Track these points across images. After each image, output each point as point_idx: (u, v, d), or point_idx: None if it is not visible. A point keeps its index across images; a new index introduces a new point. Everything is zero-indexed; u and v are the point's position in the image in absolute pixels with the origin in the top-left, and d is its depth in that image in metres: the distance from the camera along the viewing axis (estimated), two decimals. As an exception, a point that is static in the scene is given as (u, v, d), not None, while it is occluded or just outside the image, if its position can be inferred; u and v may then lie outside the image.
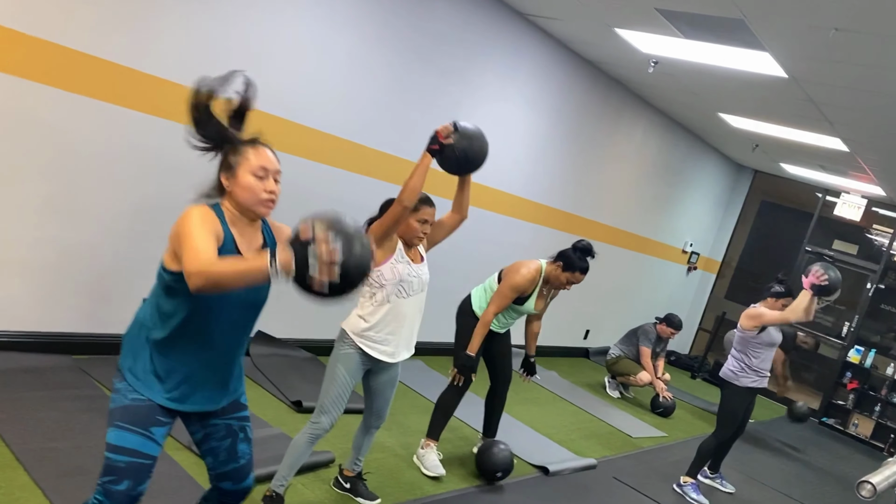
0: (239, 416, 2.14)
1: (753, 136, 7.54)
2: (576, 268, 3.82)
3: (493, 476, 3.88)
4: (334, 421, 2.91)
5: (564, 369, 7.29)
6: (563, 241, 7.34)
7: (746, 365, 4.60)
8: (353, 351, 2.94)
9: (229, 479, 2.13)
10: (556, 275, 3.86)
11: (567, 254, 3.85)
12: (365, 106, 4.85)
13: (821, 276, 4.27)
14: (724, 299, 11.36)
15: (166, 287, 1.96)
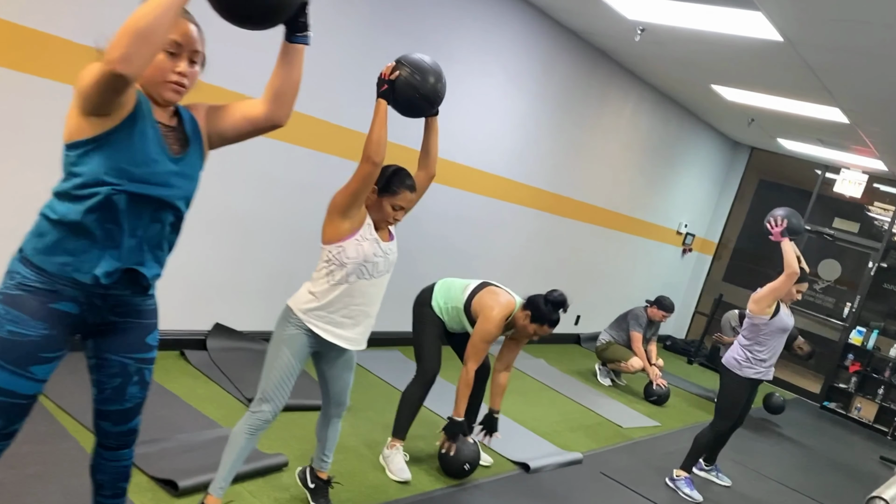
0: (139, 356, 1.90)
1: (749, 110, 7.19)
2: (544, 320, 3.48)
3: (462, 470, 3.58)
4: (278, 410, 2.60)
5: (553, 357, 6.98)
6: (549, 224, 7.08)
7: (753, 355, 4.28)
8: (298, 331, 2.62)
9: (109, 419, 1.92)
10: (524, 323, 3.52)
11: (537, 304, 3.50)
12: (339, 87, 4.51)
13: (781, 222, 4.19)
14: (721, 282, 11.06)
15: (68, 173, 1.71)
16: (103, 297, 1.79)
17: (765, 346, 4.27)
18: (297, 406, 3.84)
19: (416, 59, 2.61)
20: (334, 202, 2.62)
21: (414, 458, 3.72)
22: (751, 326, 4.30)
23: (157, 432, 3.16)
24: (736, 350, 4.36)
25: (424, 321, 3.67)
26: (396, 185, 2.67)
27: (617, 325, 6.58)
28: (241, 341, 4.43)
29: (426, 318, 3.67)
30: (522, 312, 3.52)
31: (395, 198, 2.66)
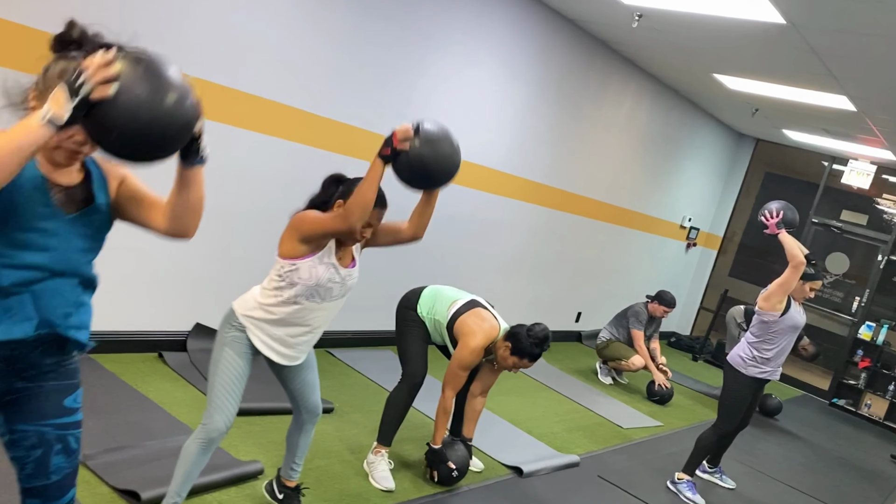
0: (59, 422, 1.69)
1: (752, 99, 6.99)
2: (525, 354, 3.34)
3: (450, 476, 3.41)
4: (230, 419, 2.40)
5: (553, 355, 6.79)
6: (548, 219, 6.89)
7: (760, 355, 4.08)
8: (240, 335, 2.45)
9: (37, 496, 1.69)
10: (504, 354, 3.38)
11: (519, 337, 3.35)
12: (321, 75, 4.34)
13: (776, 215, 4.05)
14: (728, 277, 10.86)
15: None
16: (6, 361, 1.59)
17: (773, 344, 4.08)
18: (273, 409, 3.68)
19: (435, 134, 2.43)
20: (298, 225, 2.42)
21: (401, 464, 3.55)
22: (760, 324, 4.11)
23: (125, 439, 3.00)
24: (742, 347, 4.18)
25: (408, 324, 3.52)
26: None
27: (617, 322, 6.40)
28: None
29: (410, 320, 3.52)
30: (503, 343, 3.38)
31: None
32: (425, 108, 5.05)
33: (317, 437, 3.55)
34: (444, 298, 3.51)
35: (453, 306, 3.46)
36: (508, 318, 6.75)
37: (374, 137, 4.77)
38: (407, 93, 4.90)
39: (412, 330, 3.50)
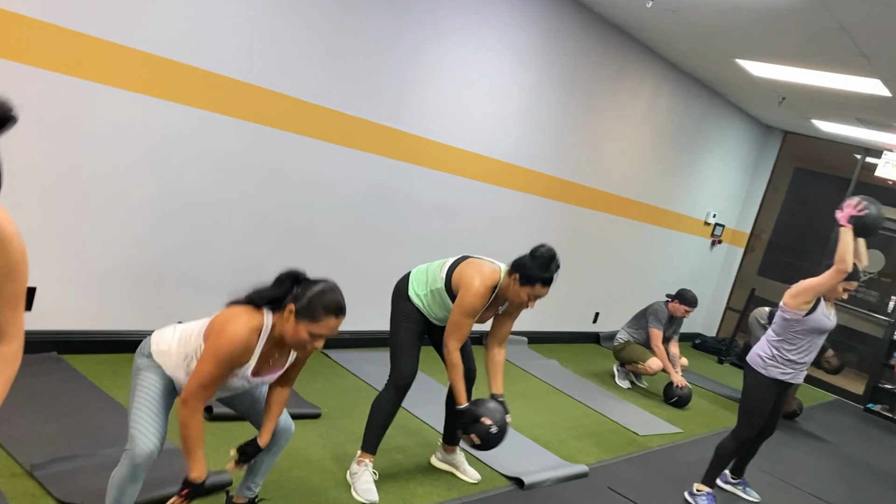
0: None
1: (778, 86, 6.60)
2: (535, 279, 2.95)
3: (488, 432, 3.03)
4: (155, 441, 2.14)
5: (568, 357, 6.48)
6: (560, 213, 6.56)
7: (781, 355, 3.74)
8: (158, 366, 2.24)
9: None
10: (515, 290, 3.00)
11: (523, 263, 3.00)
12: (309, 59, 4.09)
13: (859, 207, 3.54)
14: (756, 276, 10.44)
15: None
16: None
17: (795, 345, 3.73)
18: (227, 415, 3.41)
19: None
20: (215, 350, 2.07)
21: (389, 475, 3.27)
22: (782, 321, 3.76)
23: (80, 446, 2.77)
24: (763, 346, 3.83)
25: (399, 317, 3.21)
26: (320, 309, 2.10)
27: (636, 323, 6.06)
28: (207, 343, 4.02)
29: (402, 312, 3.21)
30: (510, 278, 3.01)
31: (315, 325, 2.10)
32: (423, 95, 4.78)
33: (298, 444, 3.29)
34: (433, 267, 3.21)
35: (445, 266, 3.16)
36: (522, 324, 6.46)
37: (366, 125, 4.51)
38: (403, 79, 4.63)
39: (403, 324, 3.19)
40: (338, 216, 4.57)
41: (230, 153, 3.93)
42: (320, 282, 2.16)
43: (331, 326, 2.12)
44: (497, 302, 3.14)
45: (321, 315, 2.10)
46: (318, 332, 2.11)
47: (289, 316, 2.11)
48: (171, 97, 3.59)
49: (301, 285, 2.16)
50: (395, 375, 3.13)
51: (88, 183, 3.45)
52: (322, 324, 2.10)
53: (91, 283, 3.60)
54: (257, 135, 4.01)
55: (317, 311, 2.09)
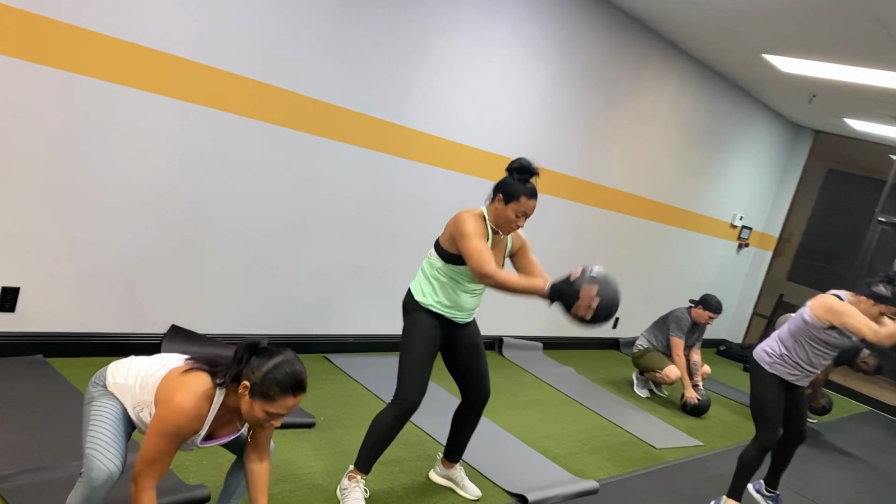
0: None
1: (809, 83, 6.31)
2: (518, 194, 2.79)
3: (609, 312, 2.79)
4: (115, 464, 1.97)
5: (585, 364, 6.24)
6: (578, 215, 6.33)
7: (790, 355, 3.56)
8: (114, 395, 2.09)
9: None
10: (502, 213, 2.84)
11: (503, 181, 2.86)
12: (305, 50, 3.92)
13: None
14: (785, 281, 10.09)
15: None
16: None
17: (806, 350, 3.55)
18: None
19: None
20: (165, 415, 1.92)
21: (383, 490, 3.09)
22: (801, 323, 3.54)
23: (52, 457, 2.62)
24: (771, 343, 3.66)
25: (408, 327, 2.96)
26: (275, 388, 1.92)
27: (656, 329, 5.81)
28: (202, 345, 3.88)
29: (413, 324, 2.95)
30: (496, 204, 2.86)
31: (271, 405, 1.93)
32: (429, 91, 4.59)
33: (286, 456, 3.12)
34: (424, 262, 3.02)
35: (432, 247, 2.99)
36: (536, 329, 6.22)
37: (369, 121, 4.34)
38: (407, 73, 4.45)
39: (414, 338, 2.93)
40: (339, 215, 4.41)
41: (223, 150, 3.78)
42: (277, 355, 1.97)
43: (288, 406, 1.95)
44: (498, 241, 2.95)
45: (277, 394, 1.92)
46: (273, 412, 1.94)
47: (243, 392, 1.94)
48: (159, 91, 3.44)
49: (258, 357, 1.97)
50: (401, 397, 2.90)
51: (73, 181, 3.31)
52: (278, 403, 1.93)
53: (78, 284, 3.47)
54: (252, 131, 3.85)
55: (271, 389, 1.92)
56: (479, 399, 3.14)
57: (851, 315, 3.37)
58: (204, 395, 1.94)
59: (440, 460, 3.30)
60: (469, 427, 3.19)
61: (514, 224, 2.85)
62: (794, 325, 3.57)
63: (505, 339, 5.79)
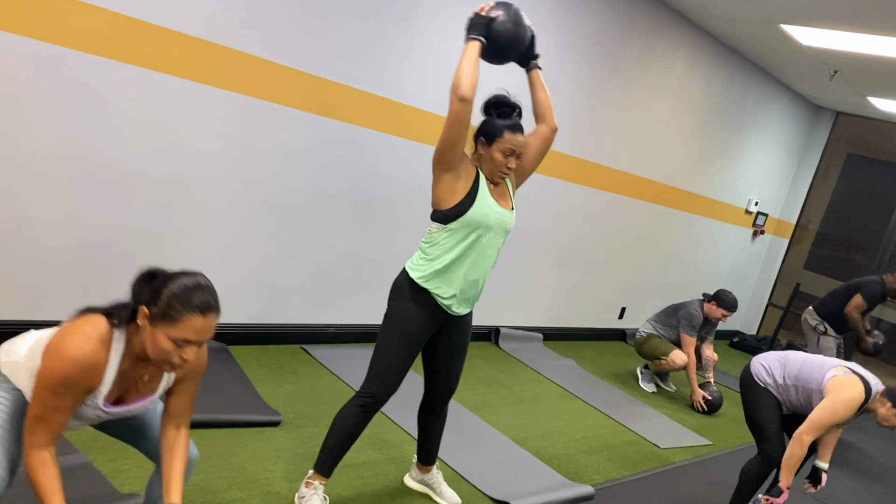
0: None
1: (830, 57, 5.90)
2: (500, 129, 2.50)
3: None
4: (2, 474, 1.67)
5: (588, 356, 5.90)
6: (582, 197, 5.93)
7: (784, 388, 3.32)
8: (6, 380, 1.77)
9: None
10: (488, 157, 2.52)
11: (482, 123, 2.57)
12: (279, 15, 3.59)
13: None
14: (802, 270, 9.70)
15: None
16: None
17: (797, 397, 3.27)
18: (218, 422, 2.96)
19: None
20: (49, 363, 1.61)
21: (351, 497, 2.78)
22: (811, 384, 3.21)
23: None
24: (773, 362, 3.36)
25: (397, 318, 2.57)
26: (177, 307, 1.60)
27: (664, 319, 5.45)
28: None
29: (401, 313, 2.56)
30: (478, 149, 2.57)
31: (175, 328, 1.60)
32: (420, 61, 4.25)
33: (243, 458, 2.82)
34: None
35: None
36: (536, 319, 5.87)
37: (352, 94, 4.00)
38: (395, 43, 4.10)
39: (398, 325, 2.55)
40: (318, 196, 4.08)
41: (189, 122, 3.45)
42: (182, 274, 1.66)
43: (196, 328, 1.61)
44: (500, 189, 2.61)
45: (180, 313, 1.59)
46: (181, 337, 1.60)
47: (143, 322, 1.62)
48: (110, 54, 3.12)
49: (157, 281, 1.66)
50: (370, 393, 2.57)
51: (23, 156, 3.00)
52: (184, 324, 1.60)
53: (33, 268, 3.16)
54: (220, 101, 3.53)
55: (173, 308, 1.59)
56: (439, 399, 2.80)
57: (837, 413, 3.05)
58: (98, 340, 1.62)
59: (415, 464, 2.98)
60: (433, 428, 2.86)
61: (503, 166, 2.53)
62: (804, 377, 3.23)
63: (502, 330, 5.46)
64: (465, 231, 2.51)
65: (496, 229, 2.54)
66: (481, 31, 2.41)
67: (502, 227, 2.57)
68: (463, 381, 4.39)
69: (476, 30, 2.41)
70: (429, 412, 2.85)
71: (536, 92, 2.70)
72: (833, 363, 3.22)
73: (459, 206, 2.48)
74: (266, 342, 4.04)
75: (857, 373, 3.14)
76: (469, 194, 2.49)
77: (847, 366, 3.20)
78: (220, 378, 3.41)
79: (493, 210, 2.52)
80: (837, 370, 3.15)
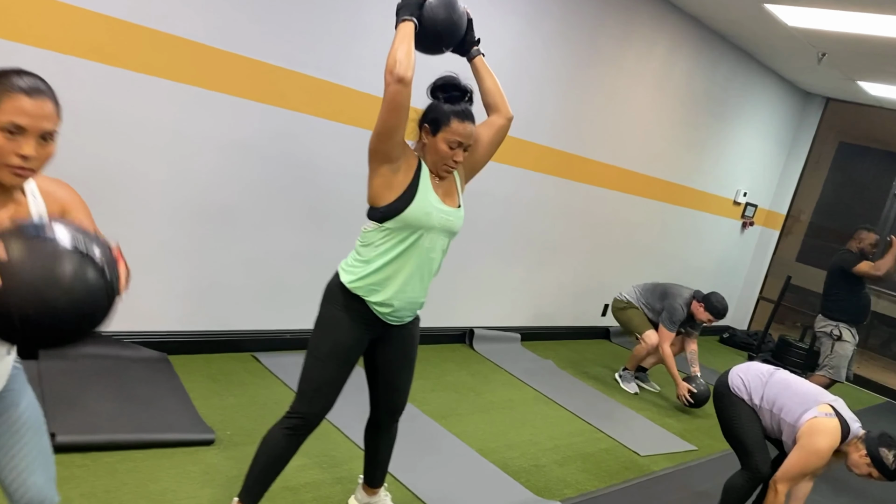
0: None
1: (817, 39, 5.62)
2: (447, 116, 2.19)
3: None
4: None
5: (568, 356, 5.62)
6: (558, 190, 5.59)
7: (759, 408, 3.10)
8: None
9: None
10: (432, 146, 2.22)
11: (428, 109, 2.25)
12: (208, -11, 3.29)
13: None
14: (795, 262, 9.45)
15: None
16: None
17: (769, 421, 3.03)
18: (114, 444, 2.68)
19: None
20: None
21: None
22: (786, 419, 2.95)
23: None
24: (751, 377, 3.11)
25: (329, 329, 2.29)
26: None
27: (650, 299, 5.07)
28: (106, 347, 3.29)
29: (333, 323, 2.28)
30: (421, 137, 2.27)
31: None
32: (375, 44, 3.95)
33: (165, 483, 2.53)
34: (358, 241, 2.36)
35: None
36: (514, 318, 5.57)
37: (299, 79, 3.71)
38: (347, 24, 3.81)
39: (329, 337, 2.28)
40: (268, 191, 3.78)
41: (114, 111, 3.16)
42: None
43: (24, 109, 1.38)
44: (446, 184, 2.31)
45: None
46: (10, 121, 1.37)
47: None
48: (21, 38, 2.83)
49: None
50: (300, 413, 2.29)
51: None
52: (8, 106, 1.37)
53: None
54: (150, 89, 3.23)
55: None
56: (386, 417, 2.52)
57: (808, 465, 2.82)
58: None
59: (361, 485, 2.70)
60: (380, 448, 2.58)
61: (449, 159, 2.22)
62: (780, 405, 2.97)
63: (476, 331, 5.17)
64: (403, 232, 2.21)
65: (439, 230, 2.25)
66: (412, 12, 2.14)
67: (446, 228, 2.27)
68: (428, 387, 4.12)
69: (407, 10, 2.14)
70: (375, 430, 2.57)
71: (484, 80, 2.36)
72: (816, 399, 2.92)
73: (397, 203, 2.19)
74: (213, 351, 3.75)
75: (839, 414, 2.86)
76: (408, 189, 2.20)
77: (831, 403, 2.90)
78: (153, 392, 3.12)
79: (435, 208, 2.23)
80: (819, 410, 2.86)
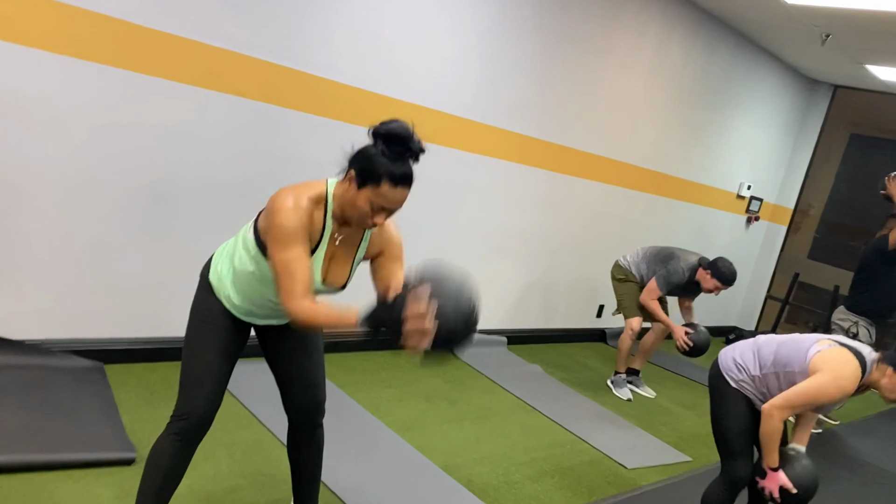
0: None
1: (820, 18, 5.26)
2: (379, 175, 1.79)
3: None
4: None
5: (558, 361, 5.29)
6: (551, 184, 5.32)
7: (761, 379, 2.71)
8: None
9: None
10: (350, 199, 1.85)
11: (362, 152, 1.84)
12: None
13: None
14: (807, 259, 9.06)
15: None
16: None
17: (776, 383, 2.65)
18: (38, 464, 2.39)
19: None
20: None
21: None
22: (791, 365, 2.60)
23: None
24: (746, 352, 2.75)
25: (203, 317, 2.04)
26: None
27: (653, 261, 4.73)
28: (33, 357, 3.01)
29: (207, 311, 2.03)
30: (342, 182, 1.89)
31: None
32: (338, 29, 3.65)
33: None
34: (241, 231, 2.05)
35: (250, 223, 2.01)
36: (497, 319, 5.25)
37: (249, 62, 3.41)
38: (305, 4, 3.52)
39: (204, 326, 2.02)
40: (212, 183, 3.49)
41: (41, 99, 2.88)
42: None
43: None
44: (348, 236, 1.97)
45: None
46: None
47: None
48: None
49: None
50: (184, 413, 2.02)
51: None
52: None
53: None
54: (84, 74, 2.95)
55: None
56: (301, 420, 2.23)
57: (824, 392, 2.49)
58: None
59: (293, 509, 2.40)
60: (304, 462, 2.29)
61: (367, 220, 1.86)
62: (782, 360, 2.62)
63: (457, 334, 4.85)
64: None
65: None
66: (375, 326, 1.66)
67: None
68: (396, 395, 3.81)
69: (371, 323, 1.66)
70: (295, 441, 2.27)
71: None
72: (814, 337, 2.63)
73: None
74: (153, 359, 3.45)
75: (844, 344, 2.55)
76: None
77: (831, 338, 2.61)
78: (75, 405, 2.83)
79: (315, 284, 1.92)
80: (821, 344, 2.57)
